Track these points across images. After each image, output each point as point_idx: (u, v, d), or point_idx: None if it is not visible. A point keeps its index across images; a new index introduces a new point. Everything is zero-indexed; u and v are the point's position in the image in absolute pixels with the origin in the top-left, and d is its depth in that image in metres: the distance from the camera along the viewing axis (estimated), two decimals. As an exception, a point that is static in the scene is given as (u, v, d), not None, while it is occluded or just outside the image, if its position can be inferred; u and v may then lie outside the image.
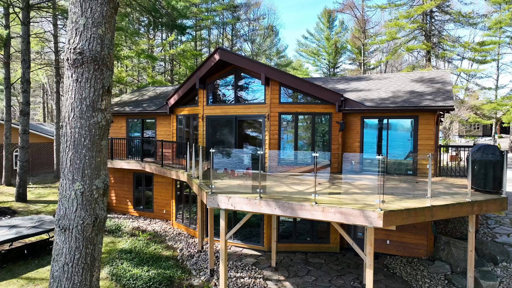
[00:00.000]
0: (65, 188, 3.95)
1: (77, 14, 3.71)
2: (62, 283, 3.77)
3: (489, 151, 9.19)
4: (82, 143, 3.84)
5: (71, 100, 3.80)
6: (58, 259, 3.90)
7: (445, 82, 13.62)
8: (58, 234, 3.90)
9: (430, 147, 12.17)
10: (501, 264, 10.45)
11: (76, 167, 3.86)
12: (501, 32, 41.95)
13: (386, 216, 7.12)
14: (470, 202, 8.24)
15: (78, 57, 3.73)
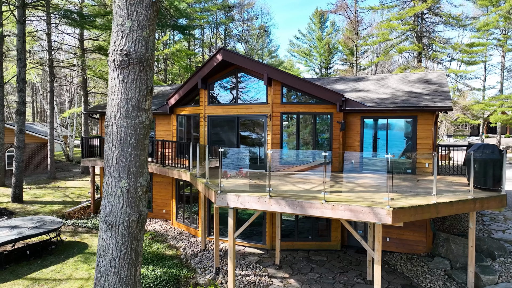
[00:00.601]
0: (111, 186, 4.04)
1: (123, 17, 3.81)
2: (109, 278, 3.87)
3: (488, 149, 9.51)
4: (128, 142, 3.94)
5: (117, 100, 3.89)
6: (105, 255, 3.99)
7: (442, 83, 13.98)
8: (104, 231, 3.99)
9: (429, 146, 12.50)
10: (498, 259, 10.81)
11: (122, 165, 3.96)
12: (488, 34, 42.97)
13: (395, 213, 7.34)
14: (472, 199, 8.53)
15: (125, 59, 3.83)
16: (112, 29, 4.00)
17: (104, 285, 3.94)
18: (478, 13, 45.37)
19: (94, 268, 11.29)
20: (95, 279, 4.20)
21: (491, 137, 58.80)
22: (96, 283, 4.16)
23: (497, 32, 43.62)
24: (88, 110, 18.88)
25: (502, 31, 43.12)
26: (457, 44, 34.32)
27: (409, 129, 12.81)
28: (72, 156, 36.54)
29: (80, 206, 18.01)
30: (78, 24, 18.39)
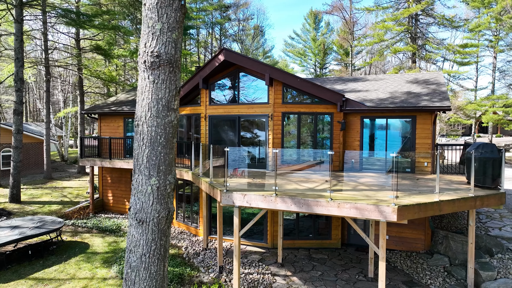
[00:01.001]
0: (141, 183, 4.14)
1: (154, 19, 3.90)
2: (140, 273, 3.96)
3: (487, 148, 9.74)
4: (158, 140, 4.05)
5: (147, 100, 3.99)
6: (135, 251, 4.07)
7: (439, 84, 14.24)
8: (135, 227, 4.08)
9: (428, 145, 12.72)
10: (496, 256, 11.07)
11: (152, 163, 4.06)
12: (480, 35, 43.64)
13: (400, 210, 7.52)
14: (473, 197, 8.75)
15: (156, 60, 3.93)
16: (142, 31, 4.09)
17: (135, 280, 4.02)
18: (470, 14, 46.06)
19: (97, 268, 11.34)
20: (125, 275, 4.28)
21: (482, 136, 59.64)
22: (127, 278, 4.24)
23: (489, 33, 44.32)
24: (86, 110, 18.82)
25: (494, 32, 43.83)
26: (450, 45, 34.80)
27: (408, 129, 13.03)
28: (67, 156, 36.29)
29: (79, 206, 17.96)
30: (77, 23, 18.31)
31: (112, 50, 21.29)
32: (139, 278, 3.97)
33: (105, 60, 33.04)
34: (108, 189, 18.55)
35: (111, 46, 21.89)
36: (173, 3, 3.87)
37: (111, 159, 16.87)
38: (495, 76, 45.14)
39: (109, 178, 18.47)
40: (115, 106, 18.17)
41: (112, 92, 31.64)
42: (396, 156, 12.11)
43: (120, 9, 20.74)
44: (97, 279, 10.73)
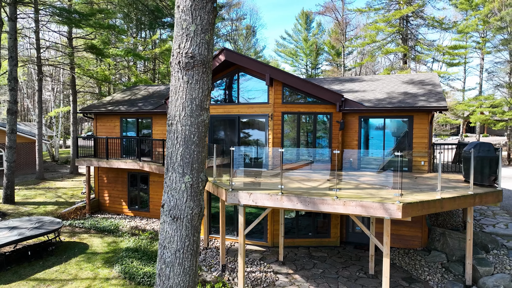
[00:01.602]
0: (175, 181, 4.21)
1: (188, 21, 3.97)
2: (174, 268, 4.03)
3: (485, 148, 10.03)
4: (191, 139, 4.13)
5: (181, 100, 4.07)
6: (169, 247, 4.14)
7: (435, 84, 14.56)
8: (169, 224, 4.15)
9: (424, 145, 13.00)
10: (492, 251, 11.39)
11: (186, 161, 4.14)
12: (468, 37, 44.55)
13: (404, 208, 7.71)
14: (472, 195, 9.01)
15: (190, 61, 4.01)
16: (175, 33, 4.16)
17: (169, 275, 4.09)
18: (458, 17, 46.96)
19: (98, 268, 11.30)
20: (159, 270, 4.34)
21: (469, 136, 60.83)
22: (160, 274, 4.31)
23: (476, 35, 45.27)
24: (83, 110, 18.65)
25: (481, 34, 44.79)
26: (440, 46, 35.45)
27: (405, 129, 13.29)
28: (57, 156, 35.82)
29: (75, 206, 17.80)
30: (73, 22, 18.12)
31: (108, 49, 21.13)
32: (173, 274, 4.06)
33: (96, 59, 32.76)
34: (104, 189, 18.43)
35: (106, 45, 21.74)
36: (206, 5, 3.96)
37: (108, 159, 16.76)
38: (483, 77, 46.16)
39: (105, 178, 18.35)
40: (111, 106, 18.06)
41: (104, 92, 31.36)
42: (400, 155, 12.34)
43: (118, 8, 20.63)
44: (100, 279, 10.70)
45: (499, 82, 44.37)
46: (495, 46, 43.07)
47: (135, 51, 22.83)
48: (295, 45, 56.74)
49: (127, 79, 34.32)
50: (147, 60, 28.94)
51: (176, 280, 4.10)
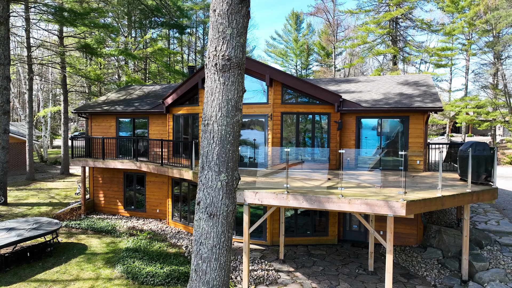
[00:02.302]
0: (211, 179, 4.30)
1: (224, 25, 4.07)
2: (211, 263, 4.13)
3: (480, 147, 10.37)
4: (227, 139, 4.23)
5: (218, 101, 4.17)
6: (206, 243, 4.24)
7: (429, 85, 14.93)
8: (205, 220, 4.24)
9: (420, 144, 13.34)
10: (486, 247, 11.78)
11: (222, 160, 4.25)
12: (455, 39, 45.60)
13: (408, 205, 7.96)
14: (470, 193, 9.33)
15: (227, 63, 4.11)
16: (210, 36, 4.26)
17: (206, 270, 4.19)
18: (445, 19, 47.99)
19: (100, 268, 11.27)
20: (195, 266, 4.43)
21: (455, 136, 62.18)
22: (197, 269, 4.39)
23: (462, 37, 46.38)
24: (77, 109, 18.46)
25: (467, 36, 45.90)
26: (428, 47, 36.20)
27: (402, 129, 13.61)
28: (46, 156, 35.25)
29: (70, 207, 17.62)
30: (68, 21, 17.87)
31: (101, 49, 20.94)
32: (210, 269, 4.17)
33: (86, 58, 32.37)
34: (99, 189, 18.29)
35: (100, 45, 21.53)
36: (241, 9, 4.06)
37: (104, 159, 16.66)
38: (468, 78, 47.31)
39: (100, 178, 18.22)
40: (107, 106, 17.94)
41: (95, 92, 31.01)
42: (406, 154, 12.61)
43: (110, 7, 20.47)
44: (103, 279, 10.67)
45: (484, 83, 45.49)
46: (480, 48, 44.18)
47: (128, 51, 22.66)
48: (285, 46, 57.14)
49: (117, 78, 34.01)
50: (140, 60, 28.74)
51: (213, 275, 4.22)
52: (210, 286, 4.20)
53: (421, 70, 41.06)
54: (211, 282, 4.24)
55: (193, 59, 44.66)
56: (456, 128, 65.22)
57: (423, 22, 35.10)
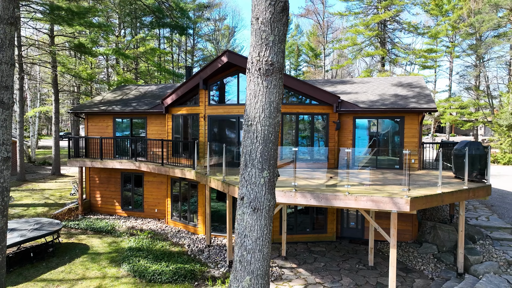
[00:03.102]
0: (254, 176, 4.56)
1: (267, 32, 4.33)
2: (255, 254, 4.39)
3: (474, 146, 10.90)
4: (269, 138, 4.51)
5: (261, 103, 4.44)
6: (250, 235, 4.50)
7: (423, 87, 15.49)
8: (249, 214, 4.50)
9: (415, 144, 13.85)
10: (478, 242, 12.34)
11: (265, 158, 4.51)
12: (439, 41, 46.92)
13: (412, 202, 8.37)
14: (467, 189, 9.83)
15: (270, 68, 4.38)
16: (253, 42, 4.51)
17: (250, 261, 4.45)
18: (430, 22, 49.31)
19: (105, 267, 11.36)
20: (240, 257, 4.67)
21: (439, 136, 63.82)
22: (241, 260, 4.64)
23: (446, 40, 47.75)
24: (74, 109, 18.35)
25: (450, 39, 47.28)
26: (415, 49, 37.16)
27: (397, 129, 14.10)
28: (34, 157, 34.67)
29: (67, 207, 17.52)
30: (64, 20, 17.71)
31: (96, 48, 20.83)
32: (254, 259, 4.44)
33: (76, 58, 32.02)
34: (96, 190, 18.24)
35: (94, 44, 21.41)
36: (282, 18, 4.35)
37: (102, 159, 16.66)
38: (452, 79, 48.75)
39: (97, 178, 18.17)
40: (104, 106, 17.90)
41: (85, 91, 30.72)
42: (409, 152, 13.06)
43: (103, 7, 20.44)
44: (110, 278, 10.77)
45: (467, 85, 46.90)
46: (464, 50, 45.59)
47: (121, 50, 22.60)
48: (274, 46, 57.51)
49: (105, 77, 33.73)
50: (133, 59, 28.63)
51: (257, 265, 4.51)
52: (254, 275, 4.50)
53: (408, 71, 42.07)
54: (255, 272, 4.54)
55: (183, 59, 44.61)
56: (440, 128, 66.93)
57: (410, 25, 36.04)
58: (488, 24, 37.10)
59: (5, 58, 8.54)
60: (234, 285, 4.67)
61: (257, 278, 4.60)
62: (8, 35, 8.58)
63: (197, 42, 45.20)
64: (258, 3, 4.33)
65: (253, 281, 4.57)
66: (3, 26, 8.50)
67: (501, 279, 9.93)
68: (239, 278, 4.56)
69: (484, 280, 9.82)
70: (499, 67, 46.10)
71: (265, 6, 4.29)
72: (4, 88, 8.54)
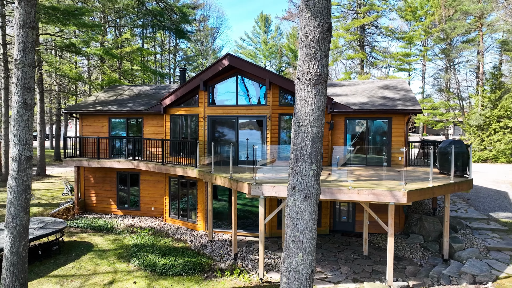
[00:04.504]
0: (305, 169, 5.28)
1: (316, 48, 5.06)
2: (306, 234, 5.10)
3: (457, 144, 12.07)
4: (317, 137, 5.24)
5: (311, 108, 5.17)
6: (302, 219, 5.24)
7: (407, 90, 16.68)
8: (301, 201, 5.24)
9: (402, 143, 14.97)
10: (460, 232, 13.58)
11: (314, 154, 5.24)
12: (413, 45, 49.25)
13: (409, 194, 9.35)
14: (454, 183, 10.94)
15: (318, 78, 5.10)
16: (303, 56, 5.23)
17: (302, 240, 5.19)
18: (405, 27, 51.59)
19: (114, 263, 11.76)
20: (293, 237, 5.38)
21: (412, 135, 66.71)
22: (294, 240, 5.36)
23: (419, 44, 50.17)
24: (68, 109, 18.40)
25: (423, 43, 49.71)
26: (393, 53, 38.93)
27: (385, 129, 15.18)
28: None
29: (64, 207, 17.59)
30: (60, 21, 17.67)
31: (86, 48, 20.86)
32: (305, 239, 5.20)
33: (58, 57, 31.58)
34: (91, 189, 18.38)
35: (85, 44, 21.40)
36: (327, 36, 5.10)
37: (99, 159, 16.88)
38: (425, 81, 51.27)
39: (92, 178, 18.32)
40: (99, 106, 18.08)
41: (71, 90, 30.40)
42: (406, 150, 14.10)
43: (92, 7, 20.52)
44: (122, 272, 11.19)
45: (439, 87, 49.40)
46: (436, 54, 48.06)
47: (111, 51, 22.69)
48: (255, 47, 58.38)
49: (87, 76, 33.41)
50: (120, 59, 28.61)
51: (308, 243, 5.29)
52: (306, 252, 5.30)
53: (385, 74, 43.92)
54: (307, 249, 5.33)
55: (166, 59, 44.64)
56: (412, 128, 69.87)
57: (388, 30, 37.75)
58: (460, 30, 39.38)
59: (28, 60, 8.88)
60: (288, 261, 5.43)
61: (307, 255, 5.37)
62: (30, 39, 8.93)
63: (180, 42, 45.33)
64: (308, 23, 5.08)
65: (304, 257, 5.31)
66: (25, 30, 8.84)
67: (482, 262, 11.11)
68: (293, 255, 5.33)
69: (467, 264, 10.96)
70: (468, 71, 48.92)
71: (314, 26, 5.04)
72: (27, 90, 8.88)
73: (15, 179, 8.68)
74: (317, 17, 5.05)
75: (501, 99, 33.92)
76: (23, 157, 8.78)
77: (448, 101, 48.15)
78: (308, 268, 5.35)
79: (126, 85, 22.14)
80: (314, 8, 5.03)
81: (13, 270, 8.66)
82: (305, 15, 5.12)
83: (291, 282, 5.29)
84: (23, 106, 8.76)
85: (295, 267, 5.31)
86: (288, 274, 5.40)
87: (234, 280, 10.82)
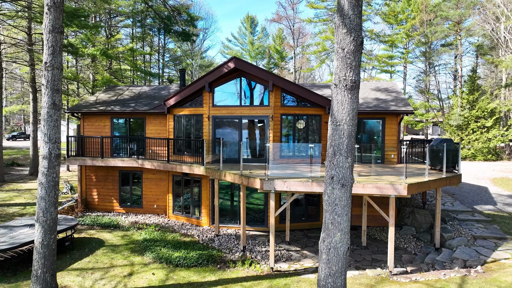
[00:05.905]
0: (342, 161, 6.10)
1: (351, 59, 5.86)
2: (343, 217, 6.02)
3: (447, 142, 13.17)
4: (351, 135, 6.06)
5: (347, 110, 6.00)
6: (340, 204, 6.06)
7: (398, 92, 17.81)
8: (339, 189, 6.05)
9: (394, 142, 16.05)
10: (448, 223, 14.74)
11: (349, 148, 6.06)
12: (394, 48, 51.15)
13: (409, 187, 10.32)
14: (445, 178, 12.02)
15: (353, 84, 5.92)
16: (340, 65, 6.04)
17: (340, 222, 6.05)
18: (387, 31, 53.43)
19: (129, 257, 12.30)
20: (332, 220, 6.19)
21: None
22: (333, 222, 6.17)
23: (401, 47, 52.14)
24: (70, 109, 18.65)
25: (405, 46, 51.70)
26: (378, 55, 40.41)
27: (379, 128, 16.23)
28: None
29: (67, 205, 17.86)
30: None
31: (84, 48, 21.07)
32: (343, 221, 6.06)
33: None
34: (92, 188, 18.70)
35: (84, 46, 21.58)
36: (360, 48, 5.93)
37: (103, 158, 17.26)
38: (406, 83, 53.30)
39: (94, 177, 18.64)
40: (102, 106, 18.43)
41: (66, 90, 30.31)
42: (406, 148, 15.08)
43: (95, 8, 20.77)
44: (138, 265, 11.74)
45: (420, 88, 51.44)
46: (417, 57, 50.09)
47: (108, 51, 22.95)
48: (241, 48, 59.08)
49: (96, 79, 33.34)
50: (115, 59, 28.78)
51: (344, 225, 6.18)
52: (343, 232, 6.19)
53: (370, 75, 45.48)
54: (344, 230, 6.22)
55: (155, 59, 44.80)
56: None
57: (372, 33, 39.21)
58: (440, 35, 41.30)
59: (57, 63, 9.37)
60: (327, 240, 6.27)
61: (344, 234, 6.25)
62: (59, 43, 9.42)
63: (168, 43, 45.55)
64: (344, 38, 5.93)
65: (342, 236, 6.19)
66: (54, 34, 9.33)
67: (471, 249, 12.24)
68: (332, 235, 6.20)
69: (458, 251, 12.07)
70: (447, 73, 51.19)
71: (350, 40, 5.89)
72: (56, 91, 9.36)
73: (45, 176, 9.14)
74: (352, 32, 5.91)
75: (478, 100, 35.89)
76: (53, 155, 9.25)
77: (428, 102, 50.35)
78: (345, 246, 6.25)
79: (125, 86, 22.49)
80: (350, 25, 5.88)
81: (44, 262, 9.13)
82: (341, 30, 5.97)
83: (331, 258, 6.14)
84: (52, 107, 9.23)
85: (334, 245, 6.17)
86: (328, 251, 6.24)
87: (246, 270, 11.55)
